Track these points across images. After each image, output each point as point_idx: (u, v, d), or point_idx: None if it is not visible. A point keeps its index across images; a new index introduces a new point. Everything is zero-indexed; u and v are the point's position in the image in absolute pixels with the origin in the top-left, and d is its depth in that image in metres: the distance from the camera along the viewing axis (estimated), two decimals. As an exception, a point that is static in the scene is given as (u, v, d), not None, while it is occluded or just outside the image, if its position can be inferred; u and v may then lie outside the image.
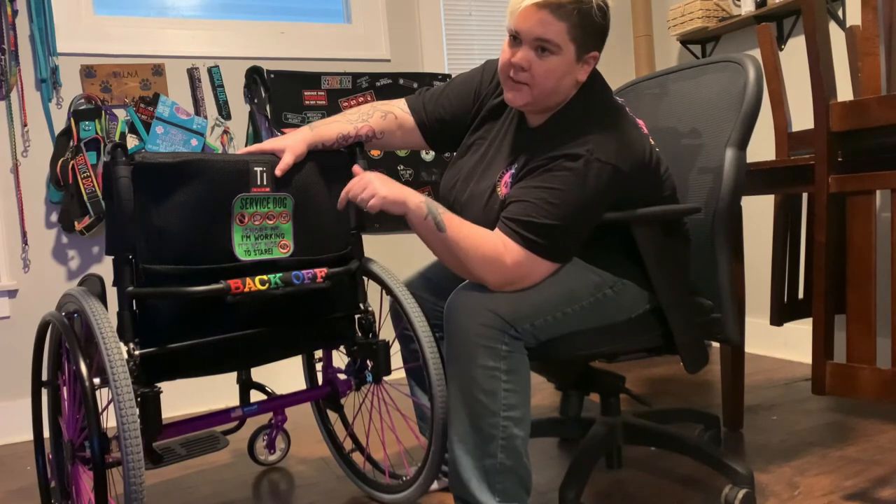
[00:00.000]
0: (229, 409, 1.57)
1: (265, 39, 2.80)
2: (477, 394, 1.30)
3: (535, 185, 1.35)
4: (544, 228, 1.33)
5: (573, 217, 1.34)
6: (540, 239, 1.33)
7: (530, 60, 1.34)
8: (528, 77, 1.36)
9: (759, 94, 1.54)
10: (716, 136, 1.57)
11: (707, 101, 1.63)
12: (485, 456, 1.31)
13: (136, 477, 1.19)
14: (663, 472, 1.77)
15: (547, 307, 1.35)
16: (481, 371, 1.29)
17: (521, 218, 1.33)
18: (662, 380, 2.63)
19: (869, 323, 1.42)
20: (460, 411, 1.33)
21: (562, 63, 1.35)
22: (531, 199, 1.34)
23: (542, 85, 1.36)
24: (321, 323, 1.56)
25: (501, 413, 1.30)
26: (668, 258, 1.45)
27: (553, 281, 1.38)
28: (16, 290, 2.48)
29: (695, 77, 1.69)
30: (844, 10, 2.49)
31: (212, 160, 1.36)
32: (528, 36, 1.33)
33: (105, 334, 1.25)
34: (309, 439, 2.21)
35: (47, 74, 2.47)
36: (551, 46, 1.33)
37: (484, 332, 1.29)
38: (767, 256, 2.86)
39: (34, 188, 2.49)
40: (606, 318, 1.44)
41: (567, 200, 1.32)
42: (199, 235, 1.35)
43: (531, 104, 1.40)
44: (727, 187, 1.51)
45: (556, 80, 1.36)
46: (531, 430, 1.85)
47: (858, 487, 1.60)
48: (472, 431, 1.32)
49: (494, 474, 1.31)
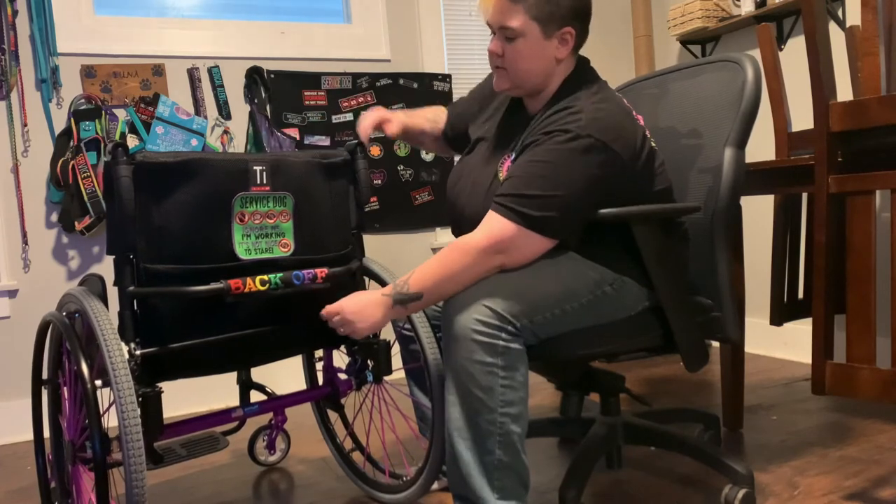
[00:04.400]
0: (229, 410, 1.57)
1: (265, 39, 2.80)
2: (474, 389, 1.30)
3: (527, 161, 1.37)
4: (535, 199, 1.33)
5: (564, 190, 1.33)
6: (530, 210, 1.33)
7: (502, 47, 1.43)
8: (502, 61, 1.44)
9: (757, 93, 1.54)
10: (715, 135, 1.57)
11: (706, 101, 1.63)
12: (483, 452, 1.32)
13: (137, 478, 1.19)
14: (663, 471, 1.77)
15: (545, 304, 1.35)
16: (478, 367, 1.30)
17: (511, 192, 1.35)
18: (662, 380, 2.63)
19: (869, 323, 1.42)
20: (458, 407, 1.33)
21: (528, 44, 1.41)
22: (521, 174, 1.36)
23: (516, 67, 1.43)
24: (322, 323, 1.56)
25: (499, 409, 1.31)
26: (667, 256, 1.45)
27: (552, 278, 1.38)
28: (16, 290, 2.48)
29: (693, 77, 1.69)
30: (844, 10, 2.49)
31: (212, 159, 1.37)
32: (494, 26, 1.43)
33: (106, 334, 1.26)
34: (309, 439, 2.21)
35: (47, 74, 2.47)
36: (513, 32, 1.40)
37: (481, 328, 1.29)
38: (767, 256, 2.86)
39: (34, 188, 2.49)
40: (606, 315, 1.44)
41: (557, 172, 1.34)
42: (199, 235, 1.36)
43: (515, 86, 1.47)
44: (726, 186, 1.52)
45: (529, 60, 1.42)
46: (531, 429, 1.87)
47: (858, 487, 1.60)
48: (470, 427, 1.32)
49: (493, 470, 1.32)
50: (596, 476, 1.76)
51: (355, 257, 1.58)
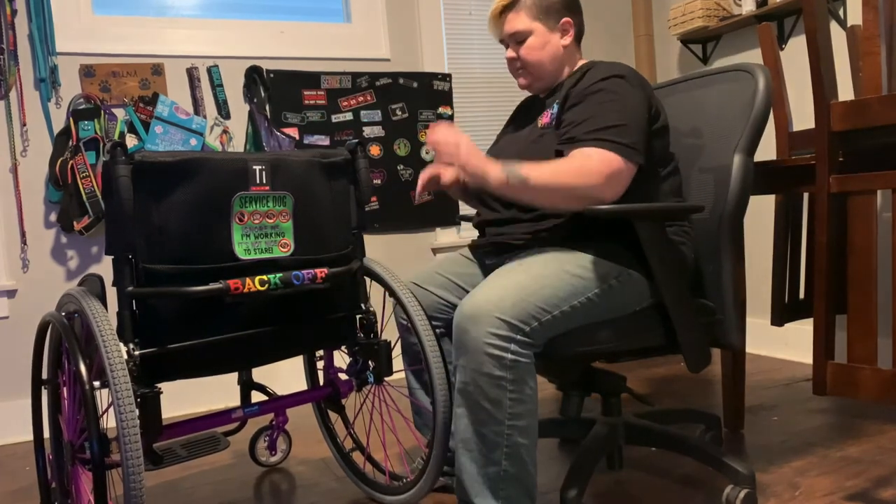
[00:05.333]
0: (230, 410, 1.56)
1: (265, 39, 2.80)
2: (483, 402, 1.31)
3: (588, 105, 1.48)
4: (616, 129, 1.43)
5: (634, 117, 1.46)
6: (616, 138, 1.42)
7: (517, 52, 1.64)
8: (520, 62, 1.64)
9: (768, 102, 1.57)
10: (724, 141, 1.59)
11: (716, 108, 1.65)
12: (489, 463, 1.32)
13: (135, 479, 1.19)
14: (664, 472, 1.77)
15: (554, 302, 1.36)
16: (487, 380, 1.30)
17: (590, 129, 1.44)
18: (663, 380, 2.63)
19: (870, 323, 1.42)
20: (465, 418, 1.33)
21: (537, 39, 1.62)
22: (592, 115, 1.45)
23: (532, 61, 1.63)
24: (322, 323, 1.56)
25: (507, 422, 1.31)
26: (671, 256, 1.45)
27: (558, 276, 1.38)
28: (15, 290, 2.47)
29: (705, 86, 1.72)
30: (845, 9, 2.48)
31: (211, 159, 1.36)
32: (507, 38, 1.65)
33: (105, 335, 1.25)
34: (310, 440, 2.21)
35: (46, 74, 2.47)
36: (522, 35, 1.62)
37: (491, 340, 1.29)
38: (768, 256, 2.86)
39: (33, 188, 2.48)
40: (613, 309, 1.44)
41: (624, 103, 1.47)
42: (199, 234, 1.35)
43: (535, 79, 1.65)
44: (734, 192, 1.53)
45: (540, 52, 1.62)
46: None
47: (859, 488, 1.60)
48: (477, 439, 1.32)
49: (498, 481, 1.32)
50: (597, 476, 1.76)
51: (356, 257, 1.58)
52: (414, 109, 3.00)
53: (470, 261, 1.73)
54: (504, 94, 3.21)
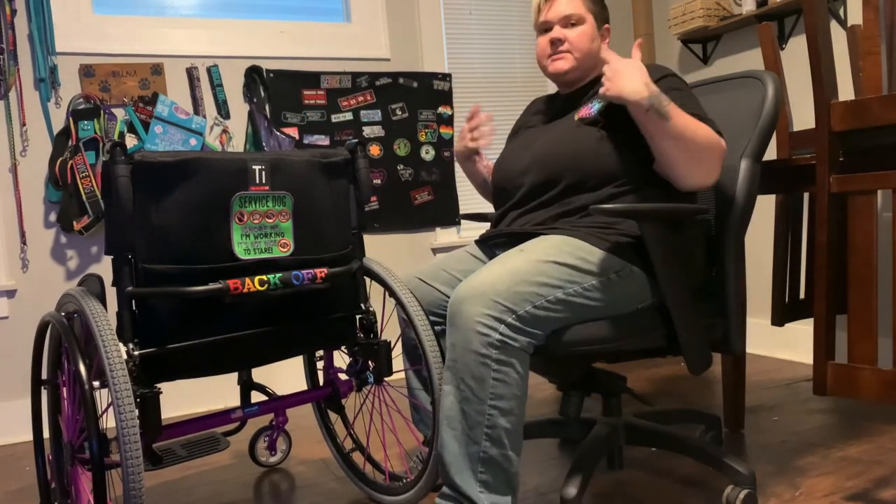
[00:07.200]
0: (230, 410, 1.56)
1: (264, 39, 2.80)
2: (467, 379, 1.31)
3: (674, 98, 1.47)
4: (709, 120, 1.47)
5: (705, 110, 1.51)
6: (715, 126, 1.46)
7: (564, 33, 1.64)
8: (568, 45, 1.64)
9: (776, 108, 1.58)
10: (732, 146, 1.59)
11: (725, 113, 1.66)
12: (470, 442, 1.32)
13: (135, 479, 1.19)
14: (664, 472, 1.77)
15: (550, 288, 1.35)
16: (473, 356, 1.30)
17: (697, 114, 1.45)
18: (663, 380, 2.62)
19: (870, 323, 1.42)
20: (450, 395, 1.34)
21: (589, 28, 1.64)
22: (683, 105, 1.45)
23: (580, 47, 1.63)
24: (322, 323, 1.55)
25: (488, 401, 1.31)
26: (675, 257, 1.44)
27: (556, 263, 1.38)
28: (14, 290, 2.47)
29: (715, 91, 1.74)
30: (846, 9, 2.48)
31: (211, 159, 1.36)
32: (556, 18, 1.63)
33: (104, 335, 1.25)
34: (310, 440, 2.21)
35: (46, 74, 2.47)
36: (577, 18, 1.63)
37: (482, 319, 1.30)
38: (768, 256, 2.85)
39: (33, 188, 2.48)
40: (612, 304, 1.43)
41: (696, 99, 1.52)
42: (198, 234, 1.35)
43: (575, 67, 1.65)
44: (740, 198, 1.54)
45: (589, 42, 1.64)
46: (532, 431, 1.86)
47: (860, 488, 1.60)
48: (461, 417, 1.33)
49: (477, 462, 1.32)
50: (597, 476, 1.76)
51: (356, 257, 1.58)
52: (414, 109, 3.00)
53: (475, 258, 1.73)
54: (504, 94, 3.21)
